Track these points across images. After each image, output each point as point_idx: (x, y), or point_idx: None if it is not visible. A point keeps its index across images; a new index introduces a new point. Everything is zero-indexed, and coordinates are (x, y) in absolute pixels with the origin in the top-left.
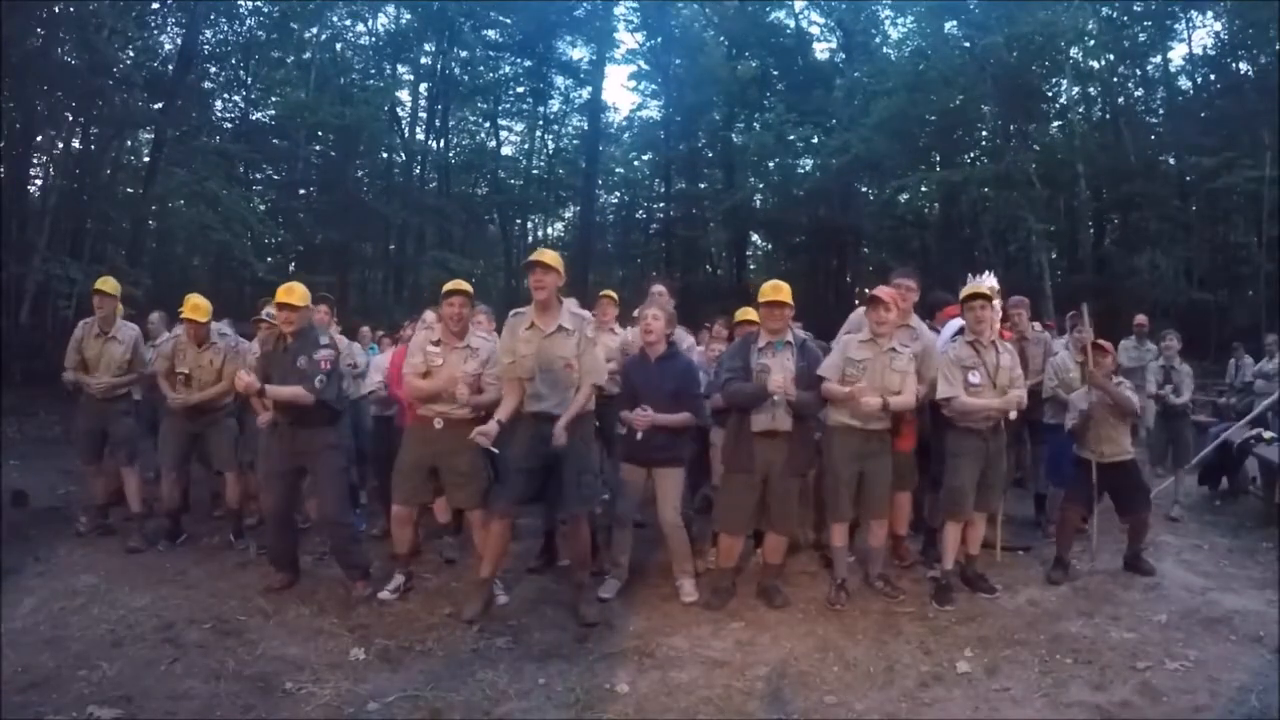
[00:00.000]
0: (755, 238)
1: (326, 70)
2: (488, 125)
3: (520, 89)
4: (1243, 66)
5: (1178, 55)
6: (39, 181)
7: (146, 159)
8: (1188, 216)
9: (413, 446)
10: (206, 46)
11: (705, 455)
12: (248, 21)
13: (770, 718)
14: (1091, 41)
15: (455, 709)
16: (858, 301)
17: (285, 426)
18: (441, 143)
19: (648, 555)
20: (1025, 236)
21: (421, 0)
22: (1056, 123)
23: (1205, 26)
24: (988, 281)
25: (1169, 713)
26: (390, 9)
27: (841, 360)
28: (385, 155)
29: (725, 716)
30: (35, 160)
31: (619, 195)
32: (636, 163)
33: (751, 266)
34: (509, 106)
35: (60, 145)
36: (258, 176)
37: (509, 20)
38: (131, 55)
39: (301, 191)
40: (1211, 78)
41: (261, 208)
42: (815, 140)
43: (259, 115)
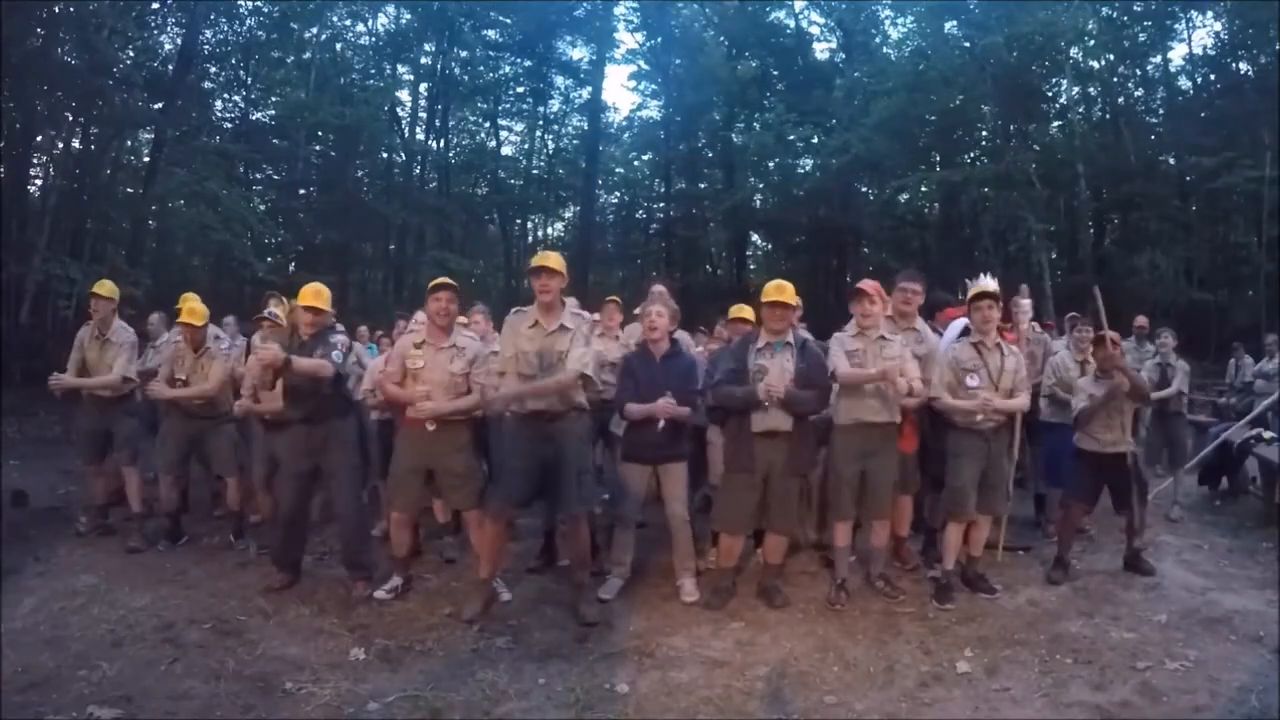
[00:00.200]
0: (755, 238)
1: (326, 70)
2: (488, 125)
3: (520, 89)
4: (1243, 66)
5: (1178, 55)
6: (39, 181)
7: (146, 159)
8: (1188, 216)
9: (407, 451)
10: (206, 46)
11: (703, 454)
12: (248, 21)
13: (770, 718)
14: (1091, 41)
15: (455, 709)
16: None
17: (298, 426)
18: (441, 143)
19: (648, 555)
20: (1025, 236)
21: (421, 0)
22: (1056, 123)
23: (1205, 26)
24: (988, 283)
25: (1169, 713)
26: (390, 9)
27: (843, 355)
28: (385, 155)
29: (725, 716)
30: (35, 160)
31: (619, 195)
32: (636, 163)
33: (751, 266)
34: (509, 106)
35: (60, 145)
36: (258, 176)
37: (509, 20)
38: (131, 55)
39: (301, 191)
40: (1211, 78)
41: (261, 208)
42: (815, 140)
43: (259, 115)
